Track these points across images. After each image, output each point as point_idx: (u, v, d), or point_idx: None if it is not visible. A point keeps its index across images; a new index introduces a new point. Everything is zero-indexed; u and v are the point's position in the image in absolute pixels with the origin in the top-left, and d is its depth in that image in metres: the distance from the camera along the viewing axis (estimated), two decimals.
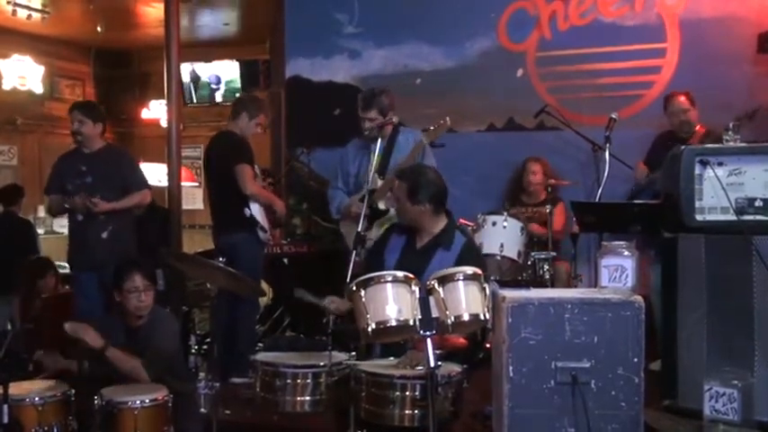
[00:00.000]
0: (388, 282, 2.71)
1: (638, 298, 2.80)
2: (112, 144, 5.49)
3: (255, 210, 4.82)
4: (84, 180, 4.81)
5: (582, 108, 5.96)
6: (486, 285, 2.78)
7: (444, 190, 3.51)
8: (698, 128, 5.00)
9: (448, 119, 4.36)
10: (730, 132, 3.53)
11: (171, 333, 3.86)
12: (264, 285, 5.74)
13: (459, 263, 3.21)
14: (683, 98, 5.05)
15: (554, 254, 5.16)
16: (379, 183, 4.31)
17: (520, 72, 6.20)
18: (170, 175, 6.06)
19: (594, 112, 5.75)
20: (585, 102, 5.97)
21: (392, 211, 4.14)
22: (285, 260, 6.07)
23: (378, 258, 3.50)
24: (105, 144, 4.99)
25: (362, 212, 3.98)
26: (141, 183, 5.04)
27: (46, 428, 3.26)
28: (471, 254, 3.40)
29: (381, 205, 4.37)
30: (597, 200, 4.61)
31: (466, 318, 2.70)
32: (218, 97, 9.18)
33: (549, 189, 5.38)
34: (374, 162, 4.33)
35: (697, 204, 3.47)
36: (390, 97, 4.55)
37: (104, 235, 4.80)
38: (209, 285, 3.67)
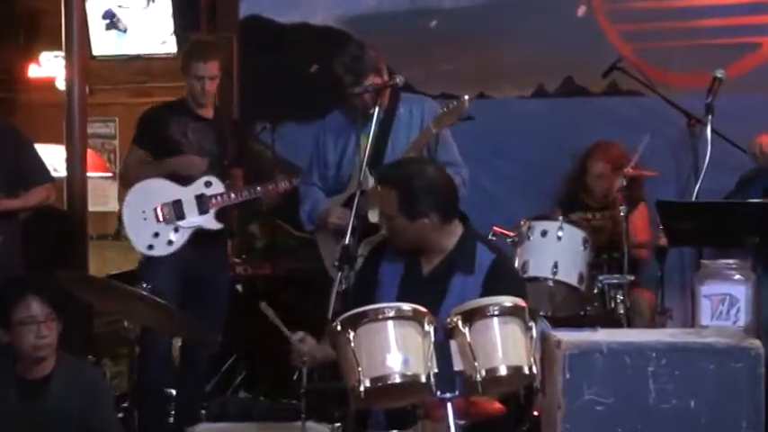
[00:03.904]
0: (389, 319, 2.72)
1: (757, 343, 2.80)
2: None
3: (133, 210, 4.92)
4: None
5: (672, 62, 5.98)
6: (532, 324, 2.79)
7: (453, 189, 3.52)
8: None
9: (466, 97, 4.31)
10: None
11: (105, 399, 3.90)
12: None
13: (486, 291, 3.21)
14: None
15: (632, 278, 5.17)
16: (371, 180, 4.27)
17: (581, 10, 6.20)
18: (70, 161, 6.05)
19: (690, 68, 5.77)
20: (677, 53, 5.99)
21: None
22: (239, 287, 6.07)
23: (367, 291, 3.49)
24: None
25: (350, 222, 3.97)
26: (45, 174, 5.08)
27: None
28: (504, 277, 3.40)
29: (373, 217, 4.32)
30: (694, 198, 4.62)
31: (503, 372, 2.70)
32: (131, 46, 9.05)
33: (625, 183, 5.38)
34: (365, 147, 4.30)
35: None
36: (374, 47, 4.60)
37: None
38: (126, 324, 3.68)
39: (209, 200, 4.98)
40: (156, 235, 4.91)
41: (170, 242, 4.92)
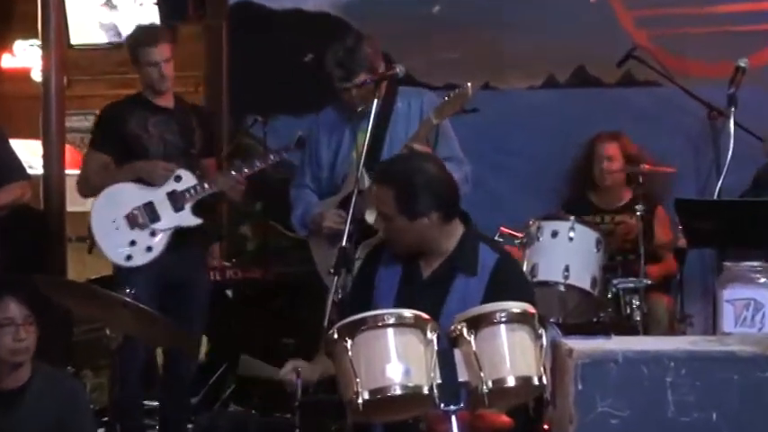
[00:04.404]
0: (388, 326, 2.72)
1: None
2: None
3: (102, 221, 4.90)
4: None
5: (691, 50, 5.98)
6: (541, 331, 2.79)
7: (454, 186, 3.52)
8: None
9: (469, 85, 4.32)
10: None
11: (84, 411, 3.89)
12: None
13: (491, 295, 3.21)
14: None
15: (648, 282, 5.16)
16: (368, 180, 4.27)
17: None
18: (47, 157, 6.06)
19: (710, 56, 5.77)
20: (696, 41, 5.99)
21: None
22: (229, 292, 6.06)
23: (364, 295, 3.50)
24: None
25: (347, 225, 3.97)
26: (20, 170, 5.09)
27: None
28: (509, 279, 3.41)
29: (370, 218, 4.32)
30: (716, 196, 4.61)
31: (511, 382, 2.71)
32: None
33: (641, 180, 5.37)
34: (361, 144, 4.30)
35: None
36: (373, 43, 4.56)
37: None
38: (108, 332, 3.68)
39: (182, 195, 4.93)
40: (133, 243, 4.86)
41: (149, 248, 4.87)
